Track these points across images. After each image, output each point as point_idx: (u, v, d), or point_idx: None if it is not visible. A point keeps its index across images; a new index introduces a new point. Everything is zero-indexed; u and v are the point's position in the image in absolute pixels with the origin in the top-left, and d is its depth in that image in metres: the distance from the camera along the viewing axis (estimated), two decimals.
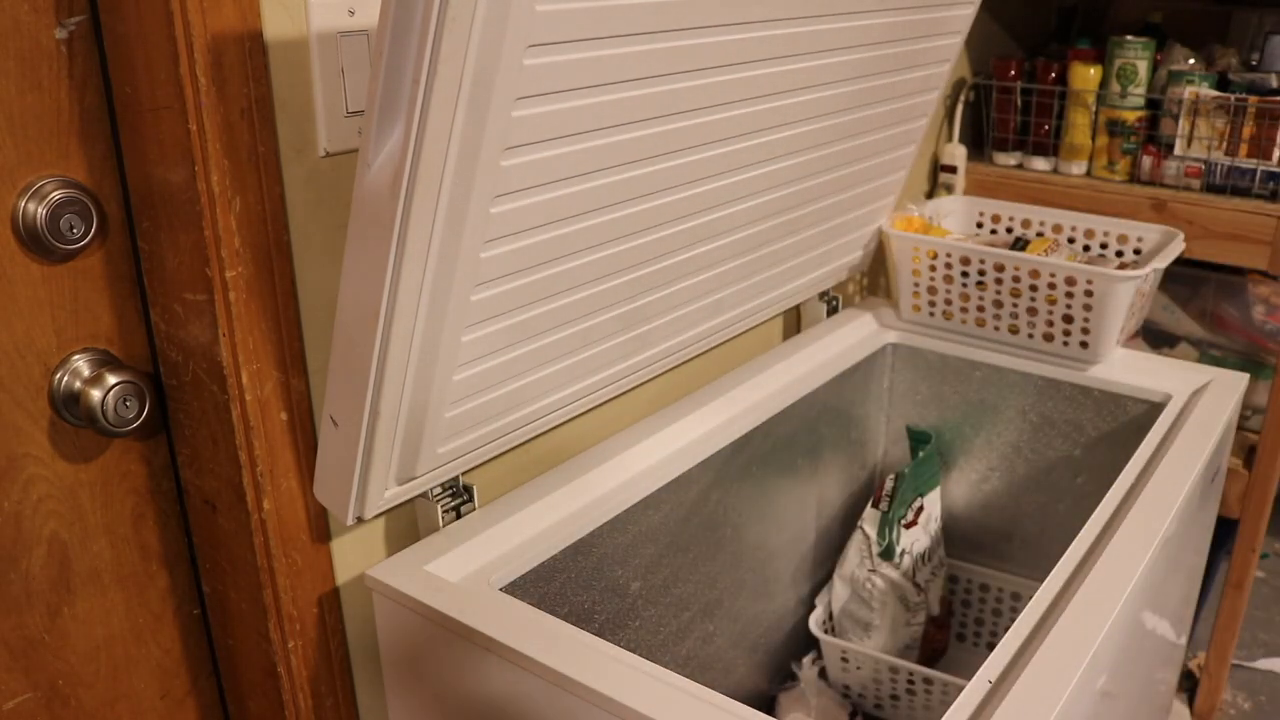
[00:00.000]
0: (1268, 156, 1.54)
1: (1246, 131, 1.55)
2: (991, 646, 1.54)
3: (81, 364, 0.83)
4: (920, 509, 1.45)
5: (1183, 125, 1.61)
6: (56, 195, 0.78)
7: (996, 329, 1.41)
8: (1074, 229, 1.52)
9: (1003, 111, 1.79)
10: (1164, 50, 1.71)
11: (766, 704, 1.45)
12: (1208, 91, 1.58)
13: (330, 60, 0.83)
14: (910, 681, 1.35)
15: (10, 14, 0.74)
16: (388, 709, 1.01)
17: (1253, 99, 1.54)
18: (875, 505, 1.40)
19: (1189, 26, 1.84)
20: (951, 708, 0.78)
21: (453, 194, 0.72)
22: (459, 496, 1.00)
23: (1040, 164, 1.77)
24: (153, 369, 0.89)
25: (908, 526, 1.42)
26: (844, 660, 1.41)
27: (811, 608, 1.48)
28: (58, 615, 0.86)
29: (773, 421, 1.29)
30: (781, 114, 1.04)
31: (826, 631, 1.45)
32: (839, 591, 1.44)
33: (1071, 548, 0.95)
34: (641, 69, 0.82)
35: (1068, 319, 1.34)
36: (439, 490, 0.99)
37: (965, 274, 1.39)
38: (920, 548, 1.45)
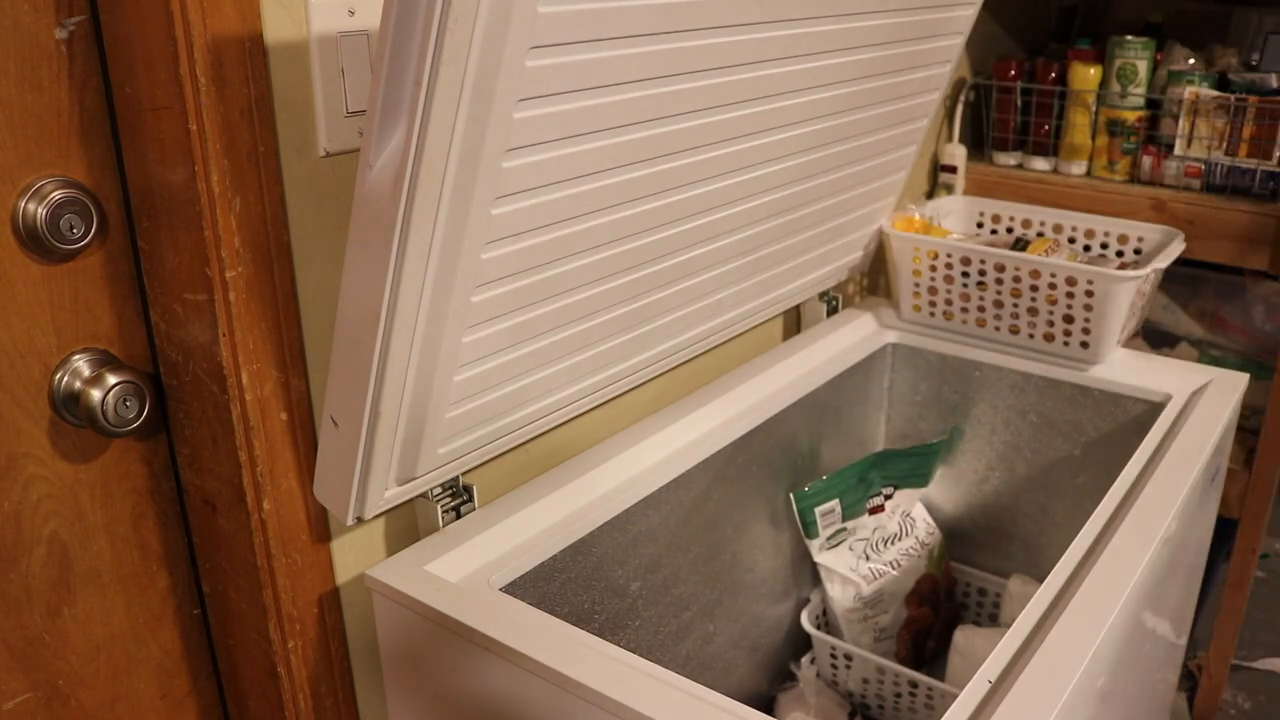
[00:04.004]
0: (1268, 156, 1.54)
1: (1246, 131, 1.55)
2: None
3: (81, 364, 0.83)
4: (889, 497, 1.46)
5: (1183, 125, 1.61)
6: (56, 195, 0.78)
7: (997, 329, 1.41)
8: (1074, 229, 1.52)
9: (1003, 111, 1.79)
10: (1164, 50, 1.71)
11: (766, 704, 1.45)
12: (1208, 91, 1.58)
13: (330, 60, 0.83)
14: (897, 683, 1.35)
15: (10, 14, 0.74)
16: (388, 709, 1.01)
17: (1253, 99, 1.54)
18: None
19: (1189, 26, 1.84)
20: (951, 707, 0.78)
21: (454, 195, 0.72)
22: (459, 496, 1.00)
23: (1040, 164, 1.77)
24: (153, 369, 0.89)
25: (872, 512, 1.44)
26: (833, 658, 1.41)
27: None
28: (58, 615, 0.86)
29: (773, 421, 1.29)
30: (783, 115, 1.04)
31: (819, 628, 1.45)
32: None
33: (1071, 548, 0.95)
34: (643, 70, 0.82)
35: (1068, 319, 1.34)
36: (439, 490, 0.99)
37: (965, 274, 1.39)
38: (882, 536, 1.45)
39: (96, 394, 0.82)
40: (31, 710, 0.86)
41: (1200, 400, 1.25)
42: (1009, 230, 1.58)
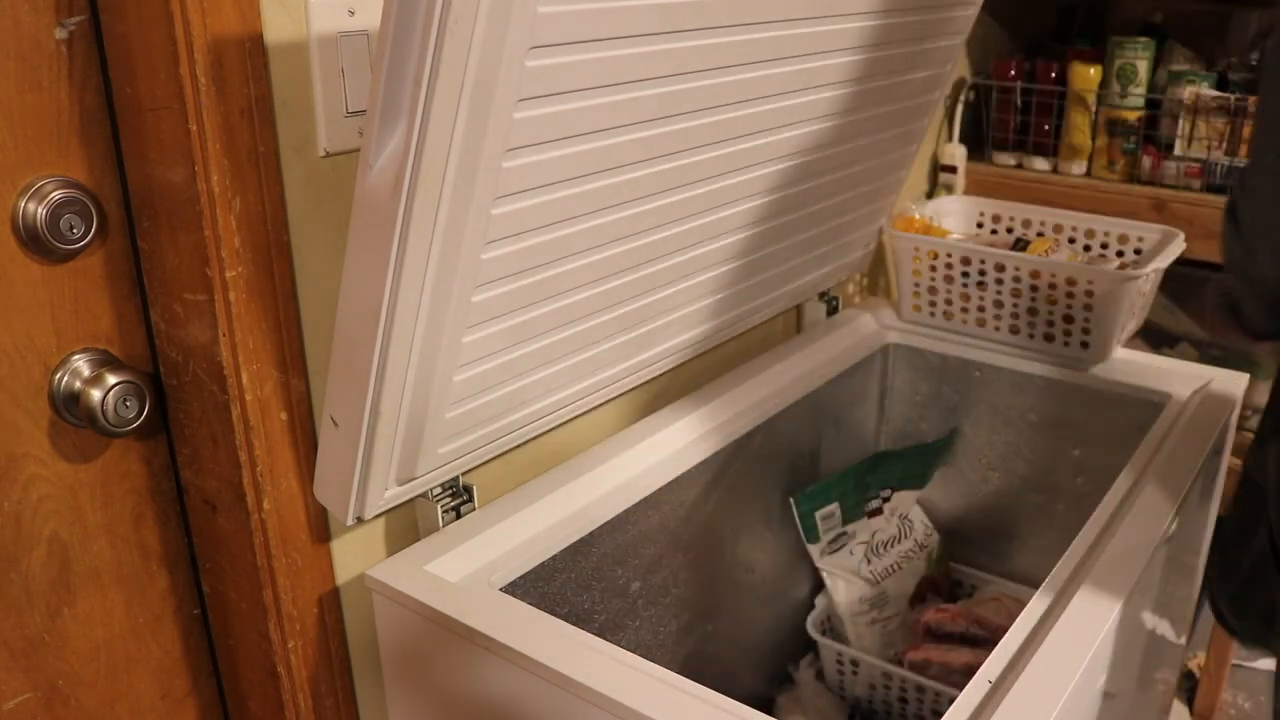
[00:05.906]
0: None
1: (1246, 131, 1.55)
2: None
3: (81, 364, 0.83)
4: (887, 500, 1.46)
5: (1183, 125, 1.61)
6: (56, 195, 0.78)
7: (997, 329, 1.41)
8: (1074, 229, 1.52)
9: (1003, 111, 1.79)
10: (1164, 50, 1.71)
11: (765, 706, 1.44)
12: (1208, 91, 1.58)
13: (330, 60, 0.83)
14: (904, 688, 1.35)
15: (10, 14, 0.74)
16: (388, 709, 1.01)
17: (1253, 99, 1.54)
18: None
19: (1189, 26, 1.84)
20: (951, 707, 0.78)
21: (454, 195, 0.72)
22: (459, 496, 1.00)
23: (1040, 164, 1.77)
24: (153, 369, 0.89)
25: (870, 515, 1.44)
26: (839, 664, 1.41)
27: (810, 609, 1.47)
28: (58, 615, 0.86)
29: (773, 421, 1.29)
30: (783, 115, 1.04)
31: (824, 634, 1.45)
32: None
33: (1071, 548, 0.95)
34: (643, 70, 0.82)
35: (1068, 319, 1.34)
36: (439, 490, 0.99)
37: (965, 274, 1.39)
38: (882, 538, 1.45)
39: (96, 394, 0.82)
40: (31, 710, 0.86)
41: (1200, 400, 1.25)
42: (1009, 230, 1.58)
